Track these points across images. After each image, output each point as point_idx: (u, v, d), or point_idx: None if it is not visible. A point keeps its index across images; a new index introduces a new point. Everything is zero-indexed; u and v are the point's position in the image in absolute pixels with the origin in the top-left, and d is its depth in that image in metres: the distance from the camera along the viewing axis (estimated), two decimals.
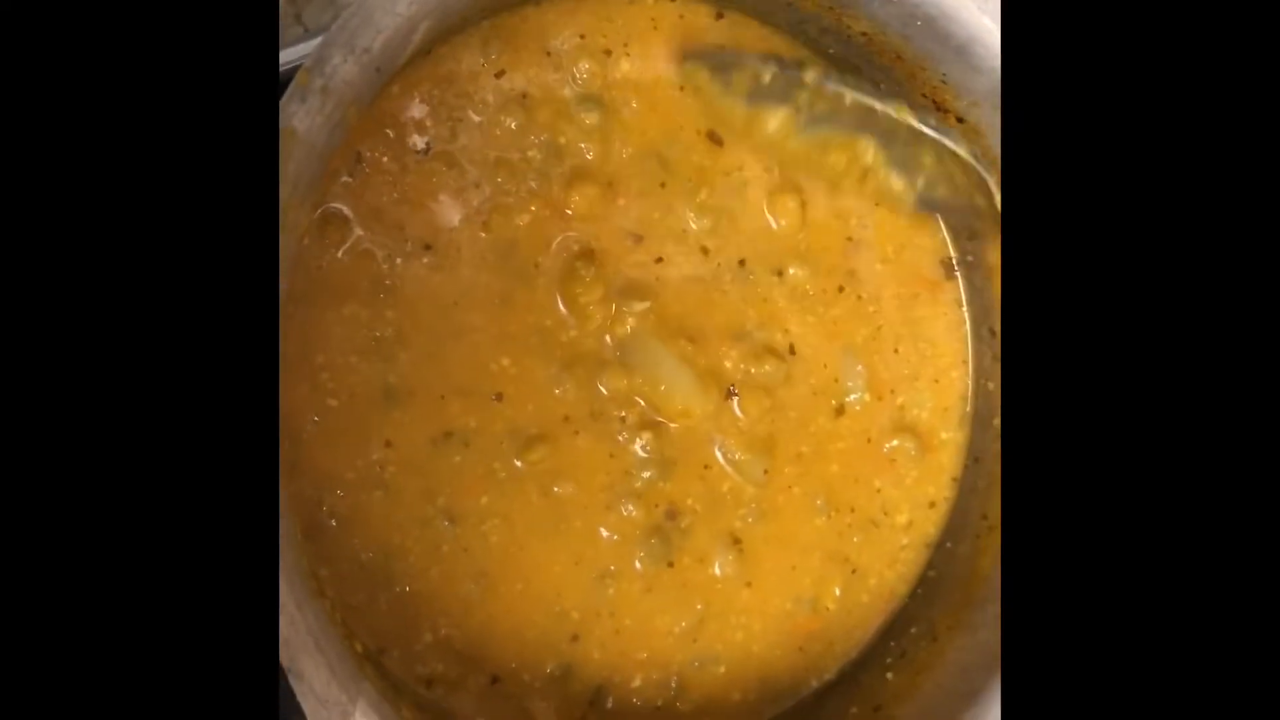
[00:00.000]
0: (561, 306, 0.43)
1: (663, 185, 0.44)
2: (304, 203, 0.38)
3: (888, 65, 0.44)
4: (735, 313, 0.45)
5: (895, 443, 0.47)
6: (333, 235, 0.40)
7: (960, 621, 0.44)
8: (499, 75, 0.42)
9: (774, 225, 0.45)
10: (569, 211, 0.43)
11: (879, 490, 0.47)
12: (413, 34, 0.38)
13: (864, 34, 0.43)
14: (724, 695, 0.44)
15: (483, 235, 0.42)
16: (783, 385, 0.45)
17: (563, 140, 0.43)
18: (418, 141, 0.41)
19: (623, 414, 0.43)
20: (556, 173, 0.43)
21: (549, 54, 0.43)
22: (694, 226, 0.44)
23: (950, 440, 0.48)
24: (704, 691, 0.44)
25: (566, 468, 0.42)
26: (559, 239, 0.43)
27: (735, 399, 0.44)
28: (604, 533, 0.43)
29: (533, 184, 0.42)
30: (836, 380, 0.46)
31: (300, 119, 0.35)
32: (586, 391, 0.43)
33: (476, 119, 0.42)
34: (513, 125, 0.42)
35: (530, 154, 0.42)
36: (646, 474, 0.43)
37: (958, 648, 0.43)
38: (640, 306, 0.43)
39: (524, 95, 0.42)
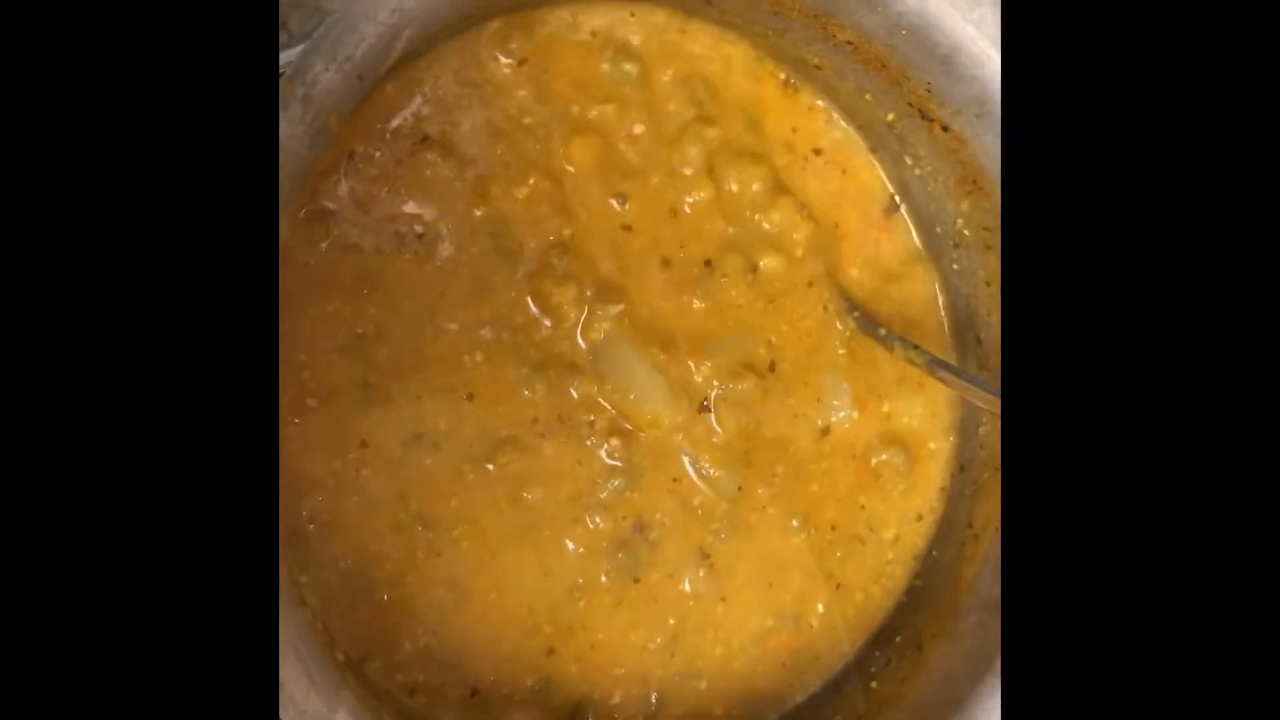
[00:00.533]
0: (532, 306, 0.42)
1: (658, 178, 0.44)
2: (284, 209, 0.38)
3: (873, 74, 0.44)
4: (710, 316, 0.44)
5: (884, 457, 0.46)
6: (319, 231, 0.41)
7: (944, 630, 0.43)
8: (520, 63, 0.43)
9: (766, 223, 0.45)
10: (570, 169, 0.43)
11: (863, 507, 0.46)
12: (395, 41, 0.39)
13: (850, 43, 0.43)
14: (706, 710, 0.44)
15: (478, 212, 0.42)
16: (760, 401, 0.45)
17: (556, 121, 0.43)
18: (414, 131, 0.42)
19: (591, 418, 0.43)
20: (557, 138, 0.43)
21: (554, 46, 0.44)
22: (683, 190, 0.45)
23: (939, 450, 0.47)
24: (686, 707, 0.44)
25: (534, 473, 0.42)
26: (546, 211, 0.43)
27: (710, 414, 0.44)
28: (570, 545, 0.42)
29: (535, 146, 0.43)
30: (820, 400, 0.46)
31: (281, 128, 0.36)
32: (556, 394, 0.42)
33: (477, 107, 0.42)
34: (512, 113, 0.43)
35: (526, 121, 0.43)
36: (614, 483, 0.43)
37: (941, 656, 0.42)
38: (614, 310, 0.43)
39: (519, 92, 0.43)
